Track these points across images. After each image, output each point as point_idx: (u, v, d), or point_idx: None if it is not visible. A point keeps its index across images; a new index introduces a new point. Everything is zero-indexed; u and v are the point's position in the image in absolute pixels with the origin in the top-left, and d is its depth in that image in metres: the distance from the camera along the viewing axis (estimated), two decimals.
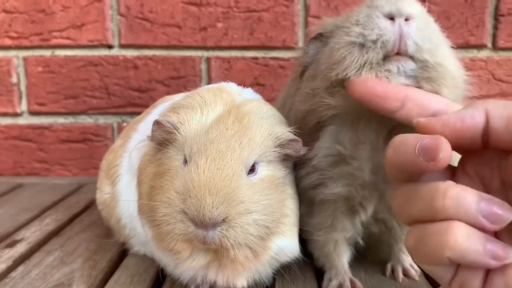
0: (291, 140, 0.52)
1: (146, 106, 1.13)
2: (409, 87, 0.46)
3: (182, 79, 1.14)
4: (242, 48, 1.13)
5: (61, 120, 1.17)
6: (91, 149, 1.18)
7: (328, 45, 0.51)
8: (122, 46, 1.13)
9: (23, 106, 1.16)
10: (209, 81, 1.14)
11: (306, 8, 1.10)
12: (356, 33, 0.47)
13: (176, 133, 0.50)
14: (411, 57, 0.47)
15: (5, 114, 1.16)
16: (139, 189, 0.55)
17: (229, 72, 1.14)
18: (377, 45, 0.46)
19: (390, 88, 0.45)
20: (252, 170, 0.50)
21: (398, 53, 0.47)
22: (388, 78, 0.47)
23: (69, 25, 1.13)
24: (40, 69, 1.15)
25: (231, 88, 0.58)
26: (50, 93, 1.16)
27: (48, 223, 0.77)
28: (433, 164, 0.36)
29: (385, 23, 0.46)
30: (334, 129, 0.52)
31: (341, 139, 0.52)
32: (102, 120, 1.17)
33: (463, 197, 0.35)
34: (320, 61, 0.52)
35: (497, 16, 1.09)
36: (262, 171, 0.51)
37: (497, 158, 0.39)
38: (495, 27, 1.09)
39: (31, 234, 0.72)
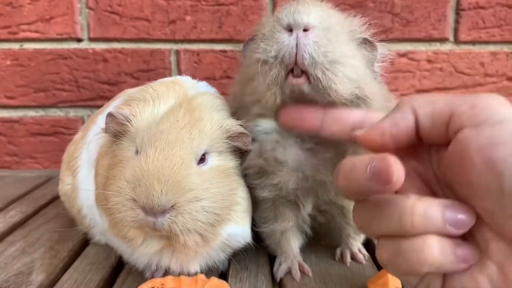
0: (240, 133, 0.54)
1: None
2: (325, 108, 0.48)
3: (151, 72, 1.15)
4: (211, 41, 1.14)
5: (31, 113, 1.17)
6: (61, 142, 1.18)
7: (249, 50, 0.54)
8: (91, 39, 1.14)
9: None
10: (179, 74, 1.15)
11: (274, 2, 1.11)
12: (261, 49, 0.49)
13: (129, 125, 0.52)
14: (307, 72, 0.48)
15: None
16: (96, 180, 0.56)
17: (199, 65, 1.15)
18: (277, 61, 0.48)
19: (307, 112, 0.48)
20: (202, 160, 0.52)
21: (297, 65, 0.47)
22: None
23: (38, 19, 1.12)
24: (8, 62, 1.14)
25: (185, 81, 0.59)
26: (19, 86, 1.16)
27: (12, 215, 0.78)
28: (390, 186, 0.36)
29: (283, 37, 0.48)
30: (258, 142, 0.55)
31: (264, 154, 0.54)
32: (72, 113, 1.17)
33: (429, 211, 0.36)
34: (241, 70, 0.55)
35: (458, 10, 1.12)
36: (213, 161, 0.53)
37: (428, 154, 0.41)
38: (457, 21, 1.13)
39: None
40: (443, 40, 1.13)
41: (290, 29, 0.48)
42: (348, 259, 0.61)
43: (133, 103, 0.53)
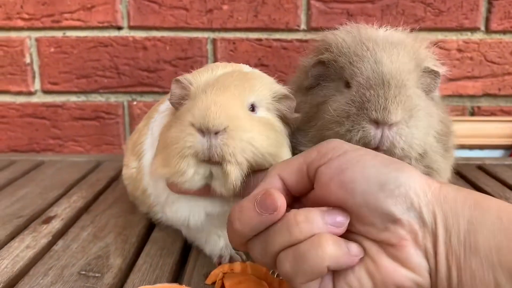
0: (285, 95, 0.60)
1: (155, 85, 1.20)
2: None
3: (189, 60, 1.19)
4: (246, 29, 1.17)
5: (73, 98, 1.22)
6: (102, 126, 1.24)
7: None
8: (131, 28, 1.18)
9: (37, 85, 1.21)
10: (215, 62, 1.19)
11: None
12: (345, 129, 0.56)
13: (191, 86, 0.58)
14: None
15: (19, 93, 1.22)
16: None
17: (234, 53, 1.19)
18: (360, 143, 0.54)
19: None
20: (252, 110, 0.57)
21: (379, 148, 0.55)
22: None
23: (80, 7, 1.16)
24: (52, 49, 1.19)
25: (242, 65, 0.66)
26: (63, 72, 1.21)
27: (75, 200, 0.84)
28: (277, 213, 0.42)
29: (370, 128, 0.55)
30: None
31: None
32: (113, 98, 1.22)
33: (311, 216, 0.42)
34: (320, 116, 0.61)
35: (491, 0, 1.14)
36: (262, 113, 0.58)
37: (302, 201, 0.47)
38: (489, 11, 1.15)
39: (62, 211, 0.79)
40: (474, 29, 1.16)
41: (377, 123, 0.54)
42: None
43: (194, 72, 0.60)
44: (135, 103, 1.22)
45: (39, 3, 1.16)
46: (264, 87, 0.59)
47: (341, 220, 0.42)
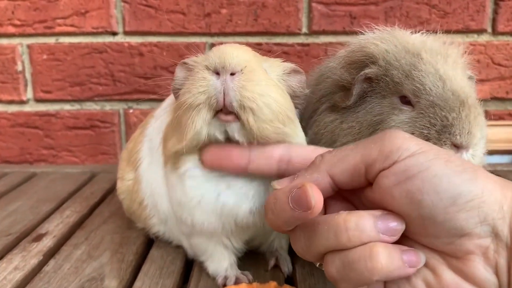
0: (295, 69, 0.56)
1: (152, 92, 1.16)
2: (250, 145, 0.49)
3: None
4: (246, 34, 1.14)
5: (67, 107, 1.18)
6: (98, 136, 1.20)
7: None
8: (127, 33, 1.14)
9: (29, 94, 1.17)
10: None
11: None
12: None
13: (196, 64, 0.53)
14: None
15: (11, 102, 1.17)
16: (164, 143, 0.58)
17: None
18: None
19: (234, 150, 0.49)
20: None
21: None
22: None
23: (73, 12, 1.12)
24: (45, 56, 1.15)
25: None
26: (56, 80, 1.16)
27: (68, 215, 0.79)
28: (310, 212, 0.38)
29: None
30: None
31: None
32: (108, 106, 1.18)
33: (362, 224, 0.38)
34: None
35: (497, 1, 1.11)
36: (275, 79, 0.54)
37: (352, 193, 0.44)
38: (495, 12, 1.11)
39: (55, 227, 0.74)
40: (480, 31, 1.12)
41: (457, 147, 0.52)
42: None
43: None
44: (131, 111, 1.18)
45: (31, 8, 1.12)
46: (275, 62, 0.56)
47: (395, 227, 0.38)
